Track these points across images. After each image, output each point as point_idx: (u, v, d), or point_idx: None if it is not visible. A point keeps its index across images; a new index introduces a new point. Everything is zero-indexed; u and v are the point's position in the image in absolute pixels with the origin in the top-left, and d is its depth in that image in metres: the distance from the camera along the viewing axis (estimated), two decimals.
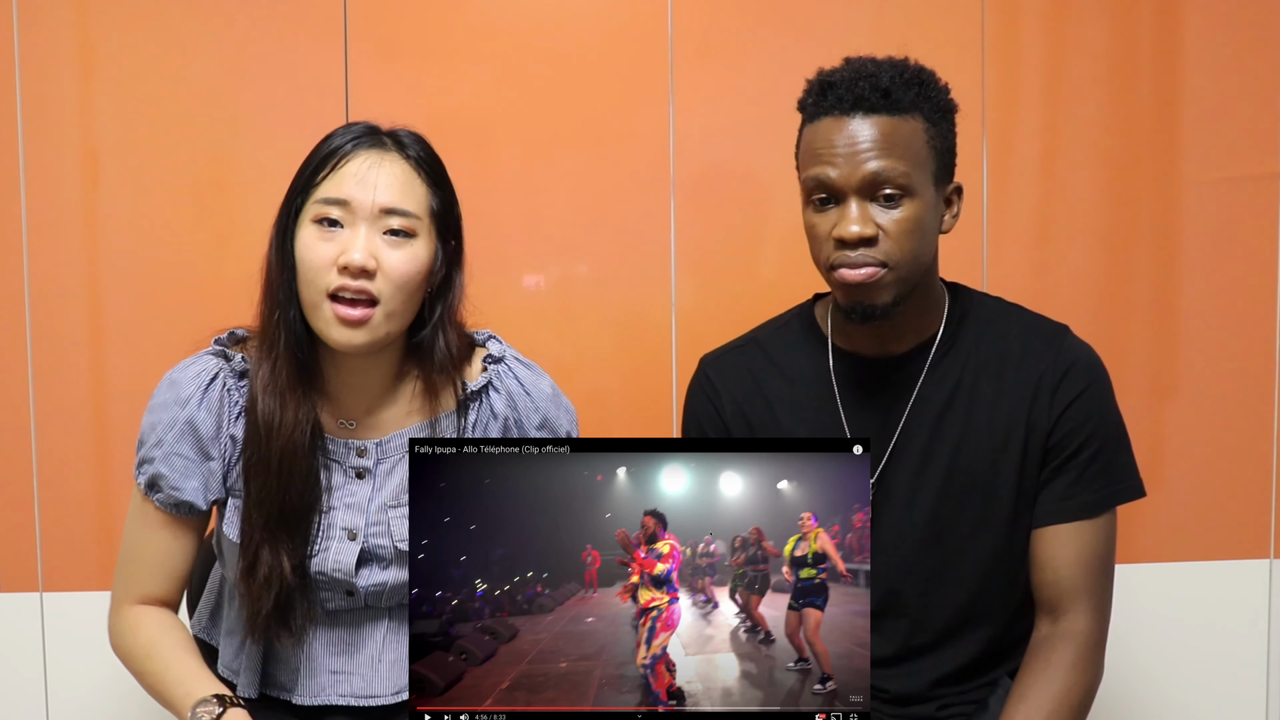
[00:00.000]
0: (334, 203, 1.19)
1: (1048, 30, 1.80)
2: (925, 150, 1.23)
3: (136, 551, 1.26)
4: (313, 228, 1.20)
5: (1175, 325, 1.82)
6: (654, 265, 1.78)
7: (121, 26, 1.72)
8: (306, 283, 1.20)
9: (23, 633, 1.75)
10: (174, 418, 1.23)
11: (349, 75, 1.73)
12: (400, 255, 1.20)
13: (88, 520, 1.75)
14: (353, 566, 1.25)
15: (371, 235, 1.19)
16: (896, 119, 1.22)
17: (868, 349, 1.32)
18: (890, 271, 1.22)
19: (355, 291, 1.18)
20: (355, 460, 1.28)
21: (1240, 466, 1.84)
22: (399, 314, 1.22)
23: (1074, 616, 1.25)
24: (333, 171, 1.21)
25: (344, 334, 1.19)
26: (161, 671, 1.21)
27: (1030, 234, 1.81)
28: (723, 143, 1.77)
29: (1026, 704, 1.21)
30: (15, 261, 1.72)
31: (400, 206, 1.21)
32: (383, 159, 1.22)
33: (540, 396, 1.32)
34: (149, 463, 1.23)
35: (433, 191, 1.25)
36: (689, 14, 1.76)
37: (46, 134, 1.72)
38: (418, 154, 1.25)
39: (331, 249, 1.19)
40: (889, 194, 1.21)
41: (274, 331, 1.23)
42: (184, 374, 1.25)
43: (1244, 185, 1.81)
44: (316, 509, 1.25)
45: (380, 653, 1.28)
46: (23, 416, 1.73)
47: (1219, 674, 1.85)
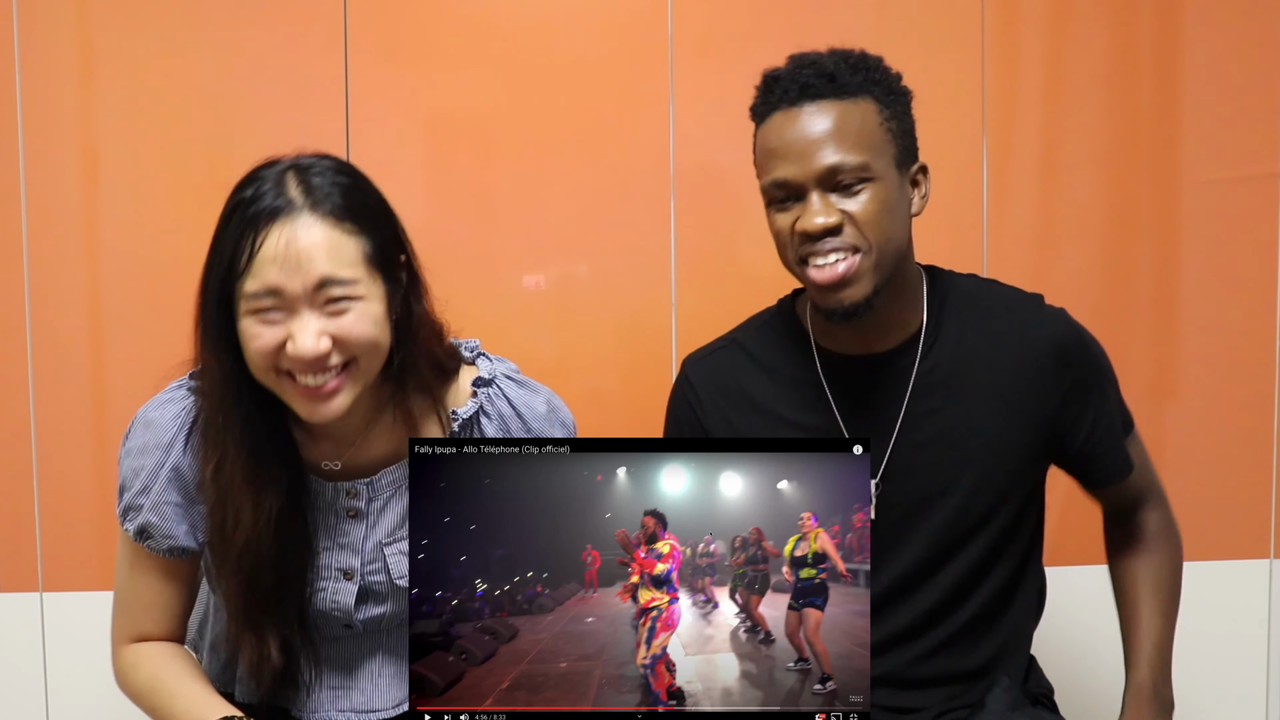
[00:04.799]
0: (263, 294, 1.09)
1: (1048, 30, 1.80)
2: (881, 133, 1.21)
3: (133, 596, 1.23)
4: (250, 319, 1.10)
5: (1175, 325, 1.82)
6: (654, 265, 1.77)
7: (121, 27, 1.72)
8: (259, 370, 1.12)
9: (23, 633, 1.75)
10: (158, 463, 1.18)
11: (349, 75, 1.73)
12: (351, 319, 1.11)
13: (88, 520, 1.75)
14: (350, 606, 1.23)
15: (314, 315, 1.10)
16: (846, 103, 1.20)
17: (853, 348, 1.30)
18: (865, 257, 1.19)
19: (319, 373, 1.11)
20: (347, 502, 1.24)
21: (1240, 466, 1.83)
22: (370, 370, 1.15)
23: (1152, 507, 1.40)
24: (250, 260, 1.09)
25: (318, 410, 1.13)
26: (169, 703, 1.18)
27: (1030, 234, 1.81)
28: (723, 143, 1.77)
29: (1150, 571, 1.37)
30: (15, 261, 1.72)
31: (333, 275, 1.09)
32: (296, 229, 1.09)
33: (534, 417, 1.27)
34: (136, 510, 1.18)
35: (363, 238, 1.12)
36: (689, 14, 1.76)
37: (46, 134, 1.72)
38: (334, 204, 1.11)
39: (275, 333, 1.10)
40: (848, 183, 1.19)
41: (220, 431, 1.15)
42: (161, 415, 1.19)
43: (1244, 185, 1.81)
44: (309, 567, 1.21)
45: (379, 669, 1.27)
46: (23, 416, 1.73)
47: (1219, 674, 1.85)
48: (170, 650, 1.23)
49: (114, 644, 1.25)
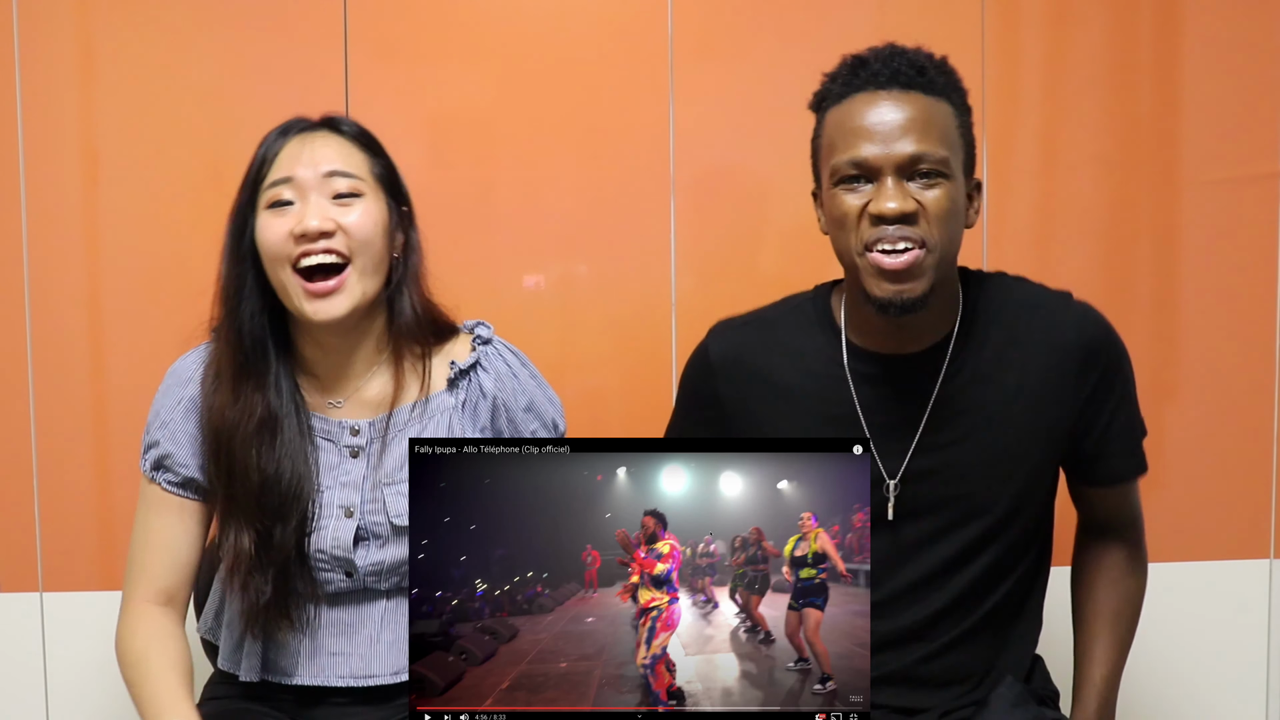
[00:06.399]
0: (279, 183, 1.23)
1: (1048, 30, 1.80)
2: (956, 135, 1.22)
3: (144, 540, 1.28)
4: (266, 213, 1.24)
5: (1175, 325, 1.82)
6: (654, 265, 1.77)
7: (122, 27, 1.72)
8: (271, 262, 1.23)
9: (23, 633, 1.75)
10: (176, 399, 1.28)
11: (349, 75, 1.73)
12: (355, 212, 1.24)
13: (88, 520, 1.75)
14: (350, 544, 1.26)
15: (322, 201, 1.23)
16: (931, 99, 1.20)
17: (885, 347, 1.28)
18: (929, 255, 1.18)
19: (321, 253, 1.21)
20: (349, 439, 1.30)
21: (1240, 466, 1.83)
22: (370, 271, 1.25)
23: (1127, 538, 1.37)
24: (273, 161, 1.25)
25: (320, 306, 1.22)
26: (141, 683, 1.22)
27: (1030, 234, 1.81)
28: (723, 142, 1.77)
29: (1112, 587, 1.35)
30: (15, 261, 1.72)
31: (342, 168, 1.25)
32: (315, 136, 1.27)
33: (527, 380, 1.34)
34: (155, 445, 1.27)
35: (373, 159, 1.29)
36: (689, 14, 1.76)
37: (46, 134, 1.72)
38: (351, 130, 1.29)
39: (287, 222, 1.22)
40: (926, 172, 1.18)
41: (218, 330, 1.27)
42: (184, 362, 1.31)
43: (1244, 185, 1.81)
44: (305, 493, 1.25)
45: (379, 633, 1.29)
46: (23, 416, 1.73)
47: (1219, 674, 1.85)
48: (168, 630, 1.25)
49: (123, 600, 1.28)
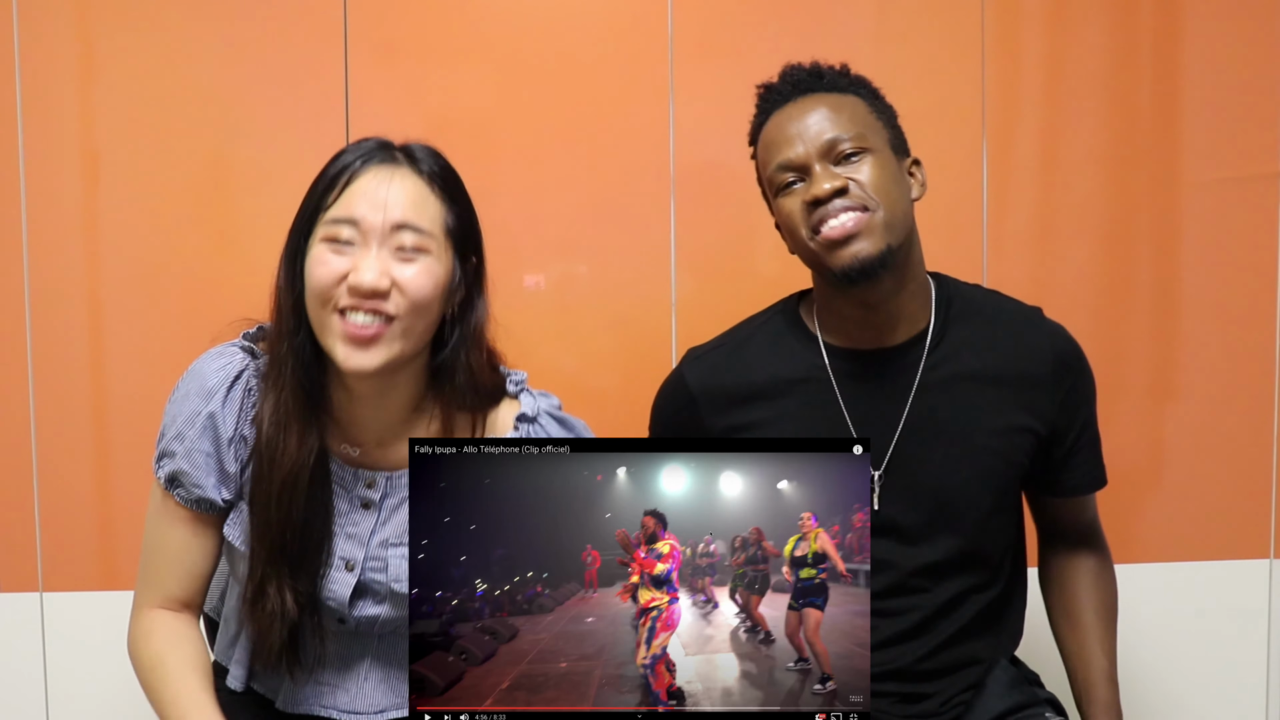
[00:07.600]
0: (343, 222, 1.15)
1: (1048, 30, 1.80)
2: (871, 118, 1.29)
3: (157, 548, 1.24)
4: (322, 246, 1.15)
5: (1175, 325, 1.82)
6: (654, 265, 1.77)
7: (122, 27, 1.72)
8: (315, 299, 1.15)
9: (23, 633, 1.75)
10: (195, 410, 1.20)
11: (349, 75, 1.73)
12: (414, 270, 1.15)
13: (88, 520, 1.75)
14: (347, 599, 1.23)
15: (383, 254, 1.14)
16: (836, 95, 1.30)
17: (861, 342, 1.32)
18: (873, 215, 1.24)
19: (368, 311, 1.13)
20: (363, 491, 1.25)
21: (1240, 466, 1.83)
22: (414, 333, 1.17)
23: (1094, 543, 1.42)
24: (342, 191, 1.16)
25: (354, 356, 1.14)
26: (160, 686, 1.19)
27: (1030, 234, 1.81)
28: (722, 142, 1.76)
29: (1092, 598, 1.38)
30: (15, 261, 1.72)
31: (413, 222, 1.15)
32: (393, 174, 1.17)
33: None
34: (169, 457, 1.20)
35: (448, 207, 1.19)
36: (689, 14, 1.76)
37: (46, 134, 1.72)
38: (431, 168, 1.19)
39: (342, 263, 1.14)
40: (848, 152, 1.26)
41: (282, 359, 1.18)
42: (209, 365, 1.22)
43: (1244, 185, 1.81)
44: (326, 542, 1.22)
45: (367, 672, 1.28)
46: (23, 416, 1.73)
47: (1219, 674, 1.85)
48: (184, 632, 1.23)
49: (134, 605, 1.25)
